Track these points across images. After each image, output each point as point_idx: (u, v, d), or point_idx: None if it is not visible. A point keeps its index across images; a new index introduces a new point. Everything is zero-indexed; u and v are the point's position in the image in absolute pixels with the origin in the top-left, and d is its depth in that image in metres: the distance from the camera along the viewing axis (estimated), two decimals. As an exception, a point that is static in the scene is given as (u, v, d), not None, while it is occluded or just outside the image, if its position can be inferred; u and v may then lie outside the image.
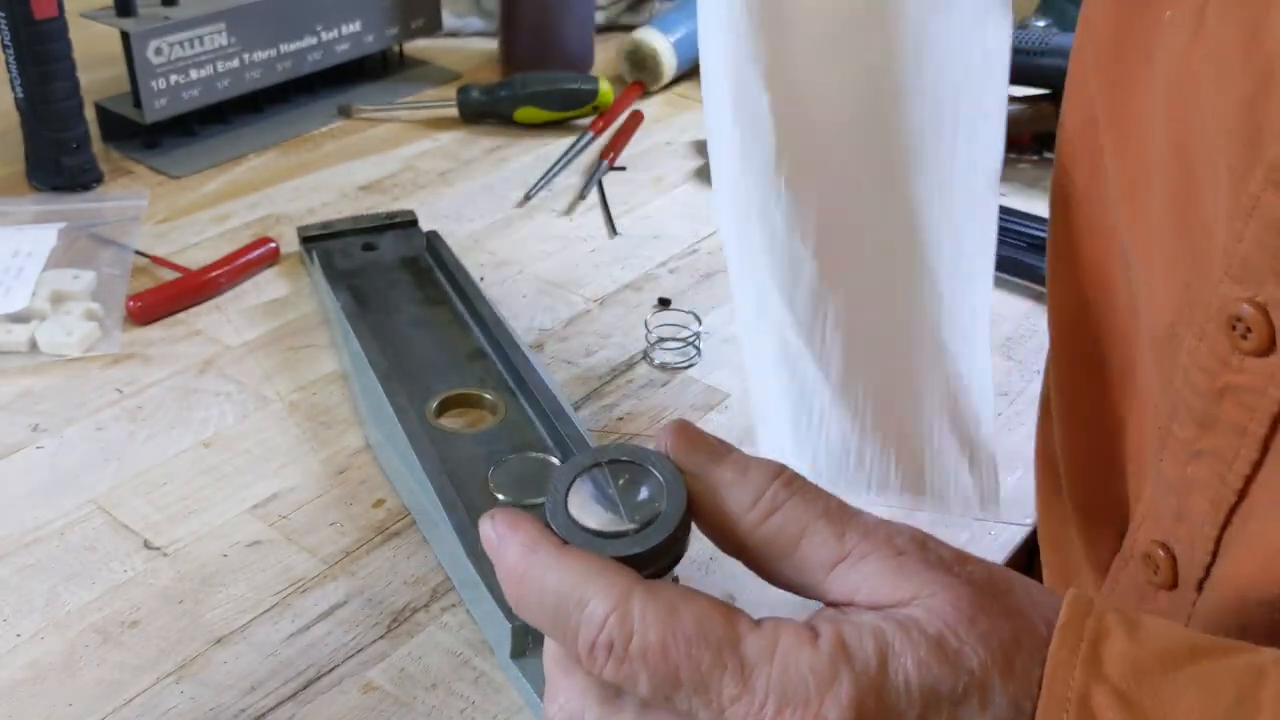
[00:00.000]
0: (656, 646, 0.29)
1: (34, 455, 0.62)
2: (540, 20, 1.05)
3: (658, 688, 0.29)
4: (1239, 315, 0.32)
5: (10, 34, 0.80)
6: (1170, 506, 0.37)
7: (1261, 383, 0.32)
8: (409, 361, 0.66)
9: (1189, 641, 0.29)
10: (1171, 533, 0.37)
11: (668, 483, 0.32)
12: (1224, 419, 0.33)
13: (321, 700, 0.49)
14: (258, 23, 0.94)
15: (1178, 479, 0.36)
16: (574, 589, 0.30)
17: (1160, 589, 0.38)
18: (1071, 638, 0.28)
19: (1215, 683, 0.28)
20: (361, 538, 0.58)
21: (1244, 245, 0.32)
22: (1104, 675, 0.28)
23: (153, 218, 0.84)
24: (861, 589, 0.30)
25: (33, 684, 0.50)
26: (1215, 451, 0.34)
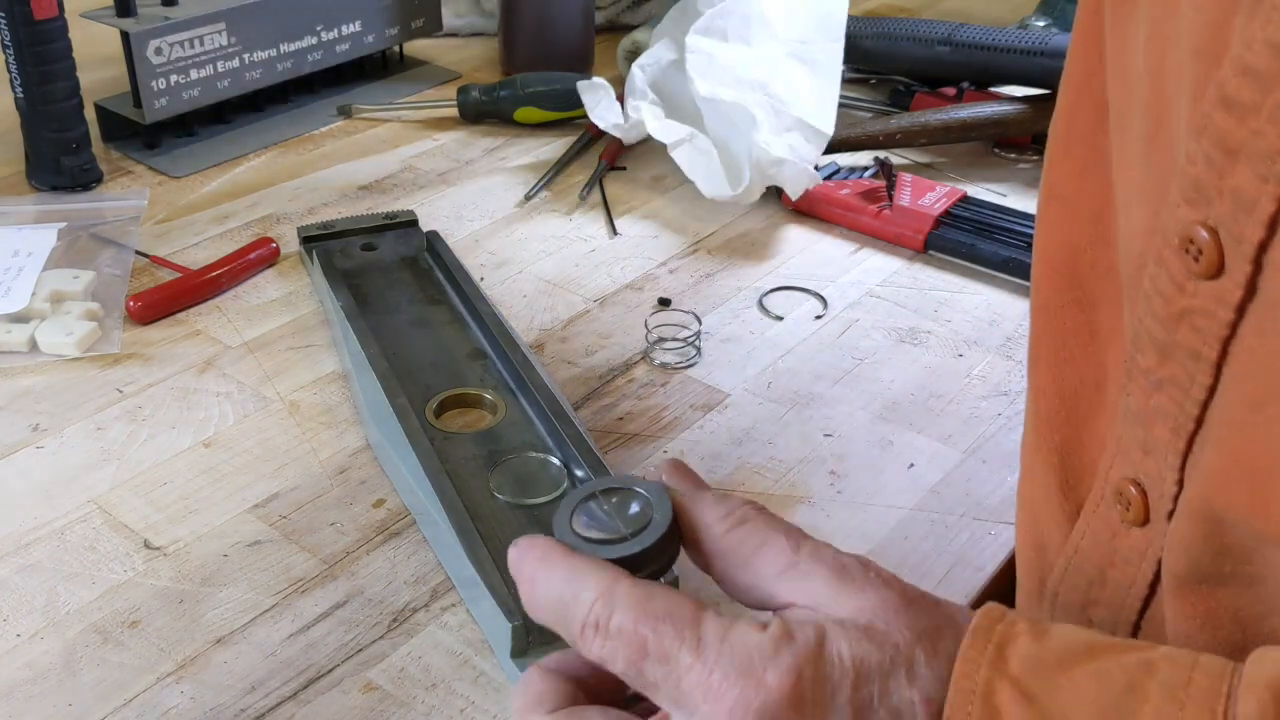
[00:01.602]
0: (630, 623, 0.34)
1: (34, 455, 0.62)
2: (540, 20, 1.05)
3: (630, 660, 0.33)
4: (1191, 238, 0.32)
5: (10, 34, 0.80)
6: (1138, 439, 0.36)
7: (1212, 305, 0.32)
8: (409, 361, 0.66)
9: (1088, 642, 0.31)
10: (1140, 467, 0.36)
11: (656, 499, 0.38)
12: (1180, 345, 0.33)
13: (321, 700, 0.49)
14: (258, 23, 0.94)
15: (1143, 410, 0.35)
16: (572, 584, 0.35)
17: (1133, 526, 0.37)
18: (981, 639, 0.32)
19: (1108, 676, 0.30)
20: (361, 538, 0.58)
21: (1196, 166, 0.31)
22: (1007, 671, 0.31)
23: (153, 218, 0.84)
24: (806, 595, 0.34)
25: (32, 684, 0.50)
26: (1173, 379, 0.34)
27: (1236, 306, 0.31)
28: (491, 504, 0.56)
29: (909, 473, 0.63)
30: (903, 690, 0.32)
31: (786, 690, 0.32)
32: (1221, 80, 0.30)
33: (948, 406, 0.68)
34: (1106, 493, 0.39)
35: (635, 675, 0.34)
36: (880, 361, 0.72)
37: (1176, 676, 0.30)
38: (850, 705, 0.32)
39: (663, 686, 0.33)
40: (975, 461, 0.64)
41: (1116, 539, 0.38)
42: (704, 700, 0.32)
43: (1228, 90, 0.30)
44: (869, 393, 0.69)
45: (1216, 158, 0.31)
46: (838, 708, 0.32)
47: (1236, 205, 0.30)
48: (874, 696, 0.32)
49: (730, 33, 0.91)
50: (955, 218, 0.83)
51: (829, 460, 0.64)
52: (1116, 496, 0.38)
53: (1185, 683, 0.30)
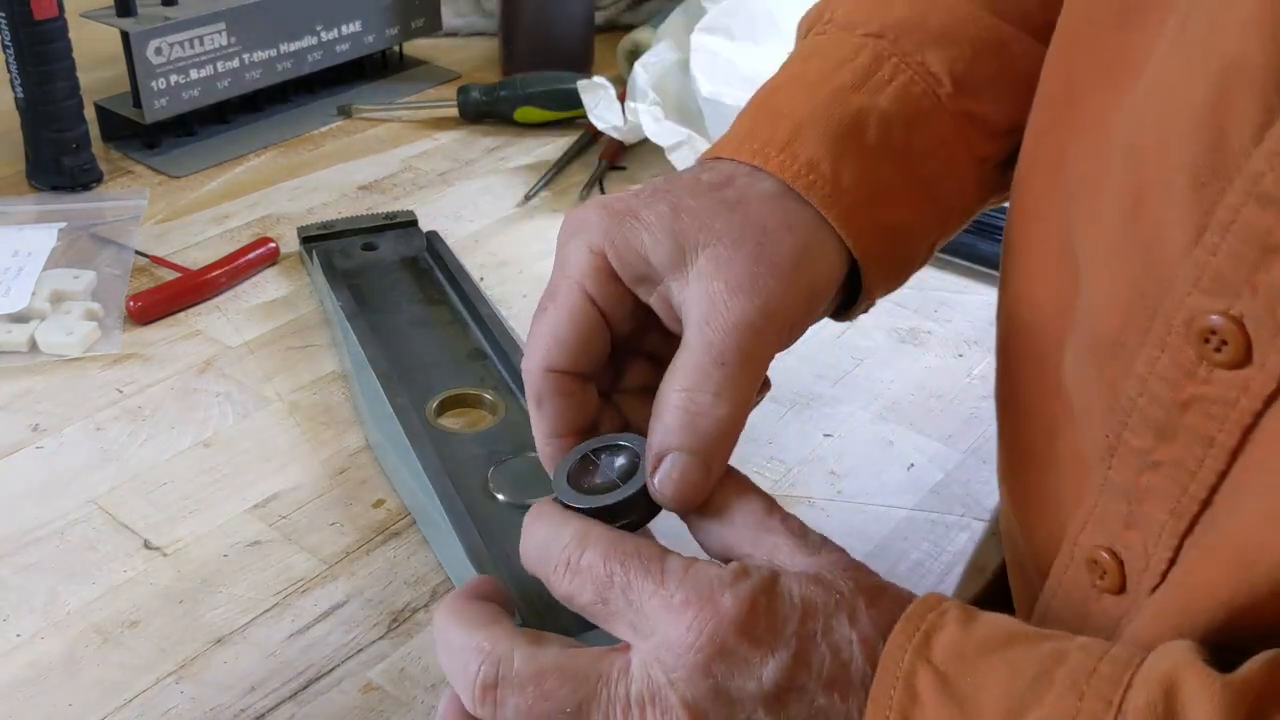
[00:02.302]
0: (599, 558, 0.37)
1: (34, 455, 0.62)
2: (540, 20, 1.05)
3: (597, 590, 0.37)
4: (1212, 328, 0.32)
5: (10, 34, 0.80)
6: (1119, 514, 0.37)
7: (1234, 394, 0.32)
8: (409, 361, 0.66)
9: (1009, 631, 0.34)
10: (1120, 539, 0.37)
11: (642, 454, 0.41)
12: (1188, 430, 0.33)
13: (321, 700, 0.49)
14: (258, 23, 0.94)
15: (1129, 487, 0.36)
16: (552, 531, 0.39)
17: (1106, 593, 0.38)
18: (911, 626, 0.34)
19: (1021, 664, 0.32)
20: (361, 538, 0.58)
21: (1218, 259, 0.31)
22: (929, 658, 0.33)
23: (153, 218, 0.84)
24: (767, 549, 0.38)
25: (33, 684, 0.50)
26: (1176, 461, 0.34)
27: (1266, 397, 0.31)
28: (491, 504, 0.56)
29: (909, 473, 0.63)
30: (844, 629, 0.35)
31: (741, 614, 0.34)
32: (1255, 175, 0.30)
33: (948, 406, 0.68)
34: (1076, 556, 0.39)
35: (599, 606, 0.37)
36: (880, 361, 0.72)
37: (1083, 665, 0.32)
38: (796, 637, 0.35)
39: (625, 614, 0.36)
40: (975, 461, 0.64)
41: (1089, 603, 0.39)
42: (663, 621, 0.35)
43: (1264, 186, 0.30)
44: (869, 393, 0.69)
45: (1248, 253, 0.31)
46: (785, 638, 0.34)
47: (1273, 299, 0.30)
48: (818, 632, 0.35)
49: (736, 31, 0.91)
50: (955, 218, 0.83)
51: (829, 460, 0.64)
52: (1089, 564, 0.38)
53: (1090, 672, 0.32)
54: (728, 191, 0.43)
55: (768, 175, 0.44)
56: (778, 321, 0.41)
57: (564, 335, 0.42)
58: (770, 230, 0.42)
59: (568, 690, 0.36)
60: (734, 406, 0.40)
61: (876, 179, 0.45)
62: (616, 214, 0.43)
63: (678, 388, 0.40)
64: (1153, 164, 0.34)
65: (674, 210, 0.42)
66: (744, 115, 0.48)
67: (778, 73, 0.50)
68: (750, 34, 0.90)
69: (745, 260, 0.41)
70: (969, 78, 0.46)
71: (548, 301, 0.43)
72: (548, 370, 0.42)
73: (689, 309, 0.41)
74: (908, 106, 0.46)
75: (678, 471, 0.40)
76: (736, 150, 0.45)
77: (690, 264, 0.41)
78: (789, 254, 0.42)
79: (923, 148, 0.46)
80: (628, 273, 0.42)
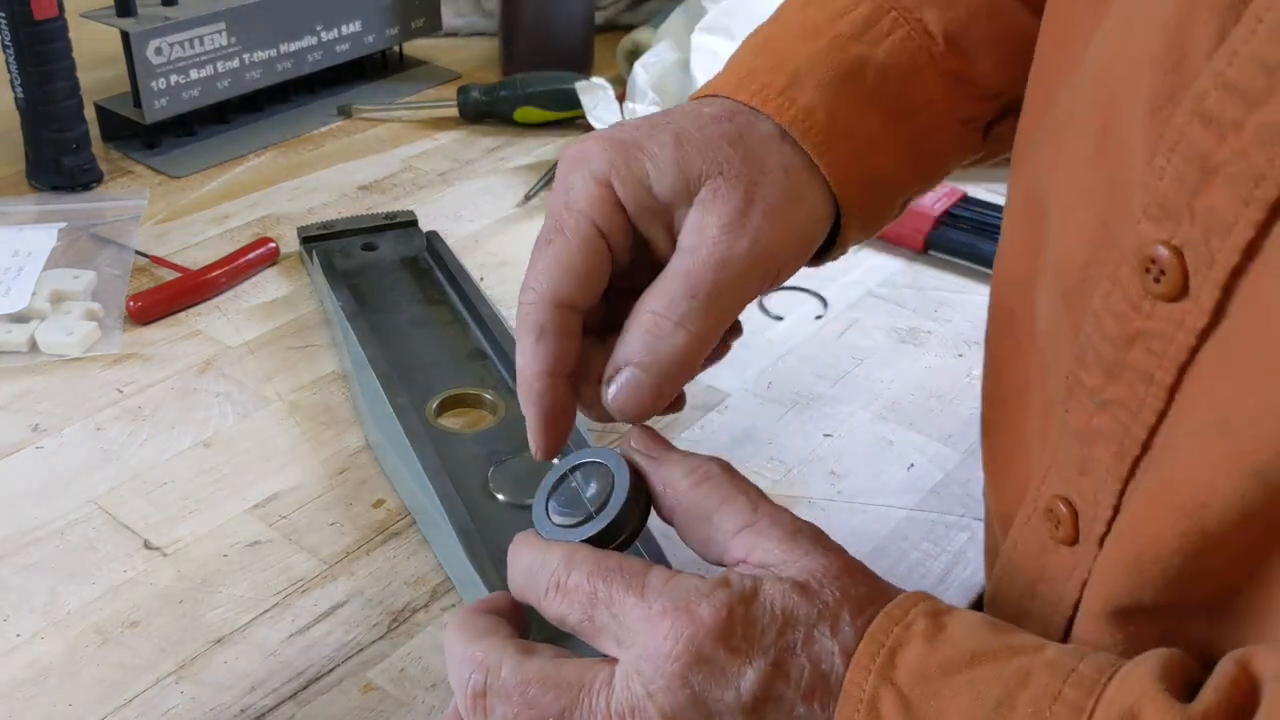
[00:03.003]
0: (584, 577, 0.37)
1: (34, 455, 0.62)
2: (540, 20, 1.05)
3: (584, 608, 0.37)
4: (1153, 257, 0.31)
5: (10, 34, 0.80)
6: (1074, 458, 0.36)
7: (1171, 329, 0.31)
8: (409, 361, 0.66)
9: (974, 648, 0.33)
10: (1074, 486, 0.36)
11: (616, 472, 0.41)
12: (1131, 367, 0.33)
13: (321, 700, 0.49)
14: (258, 23, 0.94)
15: (1083, 429, 0.35)
16: (539, 560, 0.39)
17: (1061, 544, 0.37)
18: (874, 645, 0.34)
19: (984, 686, 0.32)
20: (361, 538, 0.58)
21: (1164, 182, 0.31)
22: (893, 680, 0.33)
23: (153, 218, 0.84)
24: (756, 551, 0.38)
25: (33, 684, 0.50)
26: (1121, 401, 0.33)
27: (1199, 332, 0.31)
28: (491, 504, 0.56)
29: (909, 473, 0.63)
30: (825, 640, 0.35)
31: (717, 623, 0.34)
32: (1200, 93, 0.30)
33: (948, 406, 0.68)
34: (1038, 507, 0.39)
35: (587, 624, 0.37)
36: (880, 361, 0.72)
37: (1048, 689, 0.31)
38: (774, 647, 0.34)
39: (610, 628, 0.36)
40: (975, 461, 0.64)
41: (1045, 554, 0.39)
42: (642, 632, 0.35)
43: (1207, 105, 0.29)
44: (869, 393, 0.69)
45: (1190, 175, 0.30)
46: (763, 648, 0.34)
47: (1209, 227, 0.30)
48: (797, 643, 0.35)
49: (737, 30, 0.91)
50: (955, 218, 0.83)
51: (829, 460, 0.64)
52: (1046, 514, 0.38)
53: (1054, 697, 0.31)
54: (729, 125, 0.43)
55: (765, 116, 0.44)
56: (763, 263, 0.42)
57: (575, 267, 0.42)
58: (768, 170, 0.42)
59: (551, 699, 0.36)
60: (692, 338, 0.41)
61: (868, 129, 0.45)
62: (620, 145, 0.43)
63: (648, 309, 0.41)
64: (1120, 91, 0.33)
65: (677, 140, 0.42)
66: (740, 56, 0.48)
67: (774, 16, 0.50)
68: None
69: (740, 196, 0.41)
70: (962, 39, 0.47)
71: (553, 234, 0.43)
72: (557, 303, 0.42)
73: (683, 236, 0.42)
74: (902, 60, 0.46)
75: (629, 386, 0.41)
76: (735, 90, 0.45)
77: (693, 193, 0.42)
78: (783, 195, 0.42)
79: (913, 103, 0.47)
80: (633, 204, 0.42)
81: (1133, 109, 0.32)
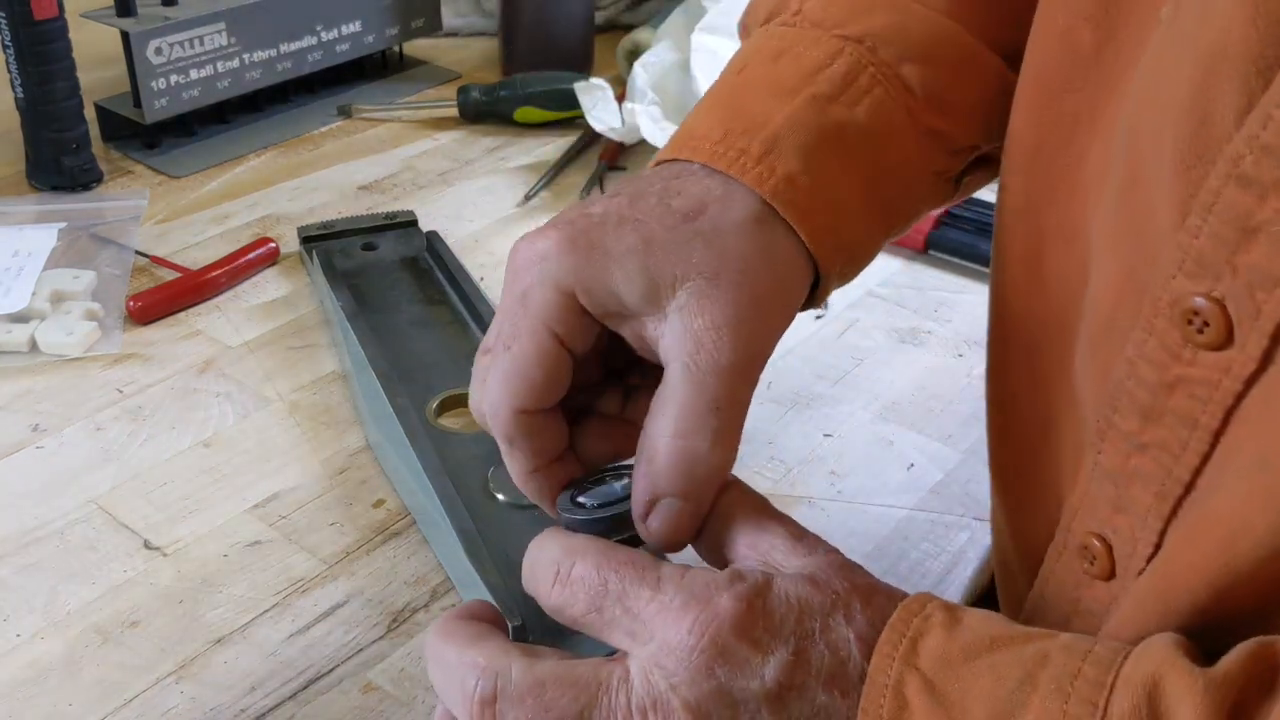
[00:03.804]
0: (591, 568, 0.37)
1: (34, 455, 0.62)
2: (540, 20, 1.05)
3: (590, 600, 0.37)
4: (1195, 309, 0.32)
5: (10, 34, 0.80)
6: (1108, 497, 0.37)
7: (1216, 376, 0.32)
8: (409, 361, 0.66)
9: (992, 634, 0.34)
10: (1109, 523, 0.37)
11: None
12: (1172, 411, 0.34)
13: (321, 700, 0.49)
14: (258, 23, 0.94)
15: (1118, 470, 0.36)
16: (544, 548, 0.39)
17: (1096, 579, 0.38)
18: (897, 633, 0.34)
19: (1005, 668, 0.33)
20: (361, 538, 0.58)
21: (1201, 241, 0.32)
22: (916, 666, 0.33)
23: (153, 218, 0.84)
24: (764, 549, 0.38)
25: (33, 684, 0.50)
26: (1161, 444, 0.34)
27: (1246, 379, 0.32)
28: (491, 504, 0.56)
29: (909, 473, 0.64)
30: (840, 628, 0.35)
31: (739, 614, 0.35)
32: (1235, 156, 0.30)
33: (948, 406, 0.68)
34: (1069, 544, 0.39)
35: (594, 616, 0.37)
36: (880, 361, 0.72)
37: (1067, 668, 0.32)
38: (794, 636, 0.35)
39: (621, 622, 0.36)
40: (975, 461, 0.64)
41: (1080, 589, 0.39)
42: (662, 626, 0.35)
43: (1243, 168, 0.30)
44: (869, 393, 0.69)
45: (1228, 234, 0.31)
46: (784, 637, 0.35)
47: (1252, 281, 0.31)
48: (815, 631, 0.35)
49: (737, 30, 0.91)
50: (955, 217, 0.83)
51: (829, 460, 0.64)
52: (1080, 550, 0.38)
53: (1074, 674, 0.32)
54: (701, 222, 0.41)
55: (741, 188, 0.42)
56: (762, 358, 0.41)
57: (533, 377, 0.40)
58: (750, 263, 0.41)
59: (568, 700, 0.35)
60: (728, 451, 0.40)
61: (846, 196, 0.44)
62: (581, 248, 0.40)
63: (669, 433, 0.39)
64: (1147, 147, 0.34)
65: (645, 243, 0.40)
66: (710, 112, 0.46)
67: (740, 64, 0.48)
68: (750, 34, 0.90)
69: (728, 297, 0.40)
70: (941, 95, 0.46)
71: (510, 341, 0.41)
72: (519, 412, 0.41)
73: (670, 346, 0.40)
74: (880, 120, 0.45)
75: (673, 519, 0.39)
76: (710, 156, 0.43)
77: (667, 300, 0.40)
78: (770, 286, 0.41)
79: (889, 162, 0.46)
80: (599, 310, 0.41)
81: (1159, 165, 0.33)
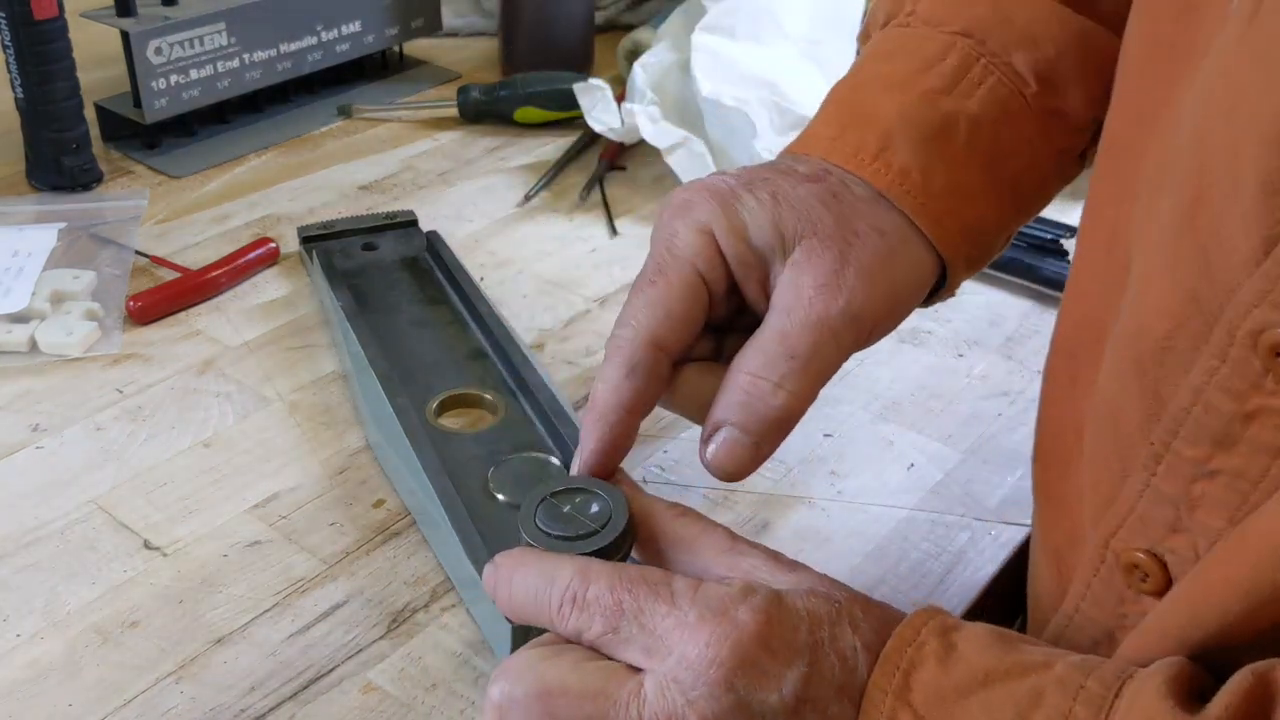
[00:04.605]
0: (606, 590, 0.37)
1: (34, 455, 0.62)
2: (540, 20, 1.05)
3: (607, 620, 0.36)
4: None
5: (10, 34, 0.80)
6: (1165, 520, 0.36)
7: None
8: (409, 361, 0.66)
9: (987, 667, 0.34)
10: (1164, 543, 0.37)
11: (612, 497, 0.42)
12: (1251, 441, 0.33)
13: (321, 700, 0.49)
14: (258, 23, 0.94)
15: (1179, 495, 0.36)
16: (547, 572, 0.38)
17: (1146, 594, 0.38)
18: (890, 666, 0.35)
19: (998, 709, 0.33)
20: (361, 538, 0.58)
21: None
22: (909, 701, 0.34)
23: (153, 218, 0.84)
24: (745, 570, 0.39)
25: (33, 684, 0.50)
26: (1237, 471, 0.34)
27: None
28: (491, 504, 0.56)
29: (909, 473, 0.64)
30: (847, 636, 0.36)
31: (758, 626, 0.35)
32: None
33: (948, 406, 0.68)
34: (1108, 560, 0.39)
35: (611, 636, 0.37)
36: (880, 361, 0.72)
37: (1059, 708, 0.32)
38: (808, 647, 0.35)
39: (638, 639, 0.36)
40: (975, 461, 0.64)
41: (1125, 605, 0.39)
42: (680, 641, 0.35)
43: None
44: (869, 393, 0.69)
45: None
46: (799, 649, 0.35)
47: None
48: (825, 640, 0.35)
49: (739, 30, 0.91)
50: (955, 218, 0.83)
51: (829, 460, 0.64)
52: (1128, 567, 0.38)
53: (1065, 715, 0.32)
54: (823, 186, 0.44)
55: (860, 179, 0.45)
56: (857, 323, 0.42)
57: (676, 310, 0.43)
58: (861, 232, 0.43)
59: (574, 710, 0.36)
60: (791, 398, 0.42)
61: (965, 183, 0.46)
62: (721, 196, 0.44)
63: (745, 369, 0.42)
64: (1219, 163, 0.33)
65: (774, 198, 0.43)
66: (828, 113, 0.49)
67: (859, 66, 0.51)
68: (752, 33, 0.90)
69: (834, 257, 0.42)
70: (1053, 75, 0.48)
71: (656, 276, 0.43)
72: (652, 343, 0.42)
73: (777, 295, 0.42)
74: (995, 108, 0.47)
75: (728, 445, 0.42)
76: (828, 152, 0.46)
77: (787, 252, 0.43)
78: (876, 257, 0.43)
79: (1009, 147, 0.47)
80: (732, 254, 0.43)
81: (1236, 187, 0.32)
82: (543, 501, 0.42)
